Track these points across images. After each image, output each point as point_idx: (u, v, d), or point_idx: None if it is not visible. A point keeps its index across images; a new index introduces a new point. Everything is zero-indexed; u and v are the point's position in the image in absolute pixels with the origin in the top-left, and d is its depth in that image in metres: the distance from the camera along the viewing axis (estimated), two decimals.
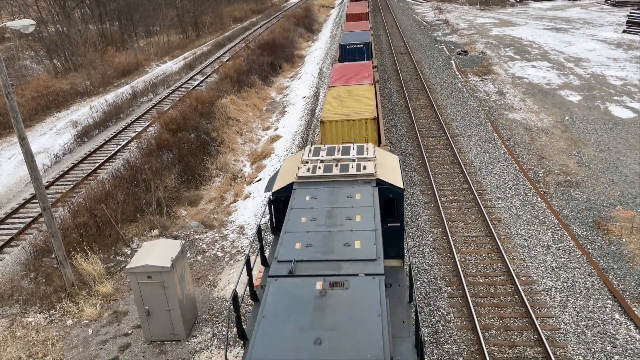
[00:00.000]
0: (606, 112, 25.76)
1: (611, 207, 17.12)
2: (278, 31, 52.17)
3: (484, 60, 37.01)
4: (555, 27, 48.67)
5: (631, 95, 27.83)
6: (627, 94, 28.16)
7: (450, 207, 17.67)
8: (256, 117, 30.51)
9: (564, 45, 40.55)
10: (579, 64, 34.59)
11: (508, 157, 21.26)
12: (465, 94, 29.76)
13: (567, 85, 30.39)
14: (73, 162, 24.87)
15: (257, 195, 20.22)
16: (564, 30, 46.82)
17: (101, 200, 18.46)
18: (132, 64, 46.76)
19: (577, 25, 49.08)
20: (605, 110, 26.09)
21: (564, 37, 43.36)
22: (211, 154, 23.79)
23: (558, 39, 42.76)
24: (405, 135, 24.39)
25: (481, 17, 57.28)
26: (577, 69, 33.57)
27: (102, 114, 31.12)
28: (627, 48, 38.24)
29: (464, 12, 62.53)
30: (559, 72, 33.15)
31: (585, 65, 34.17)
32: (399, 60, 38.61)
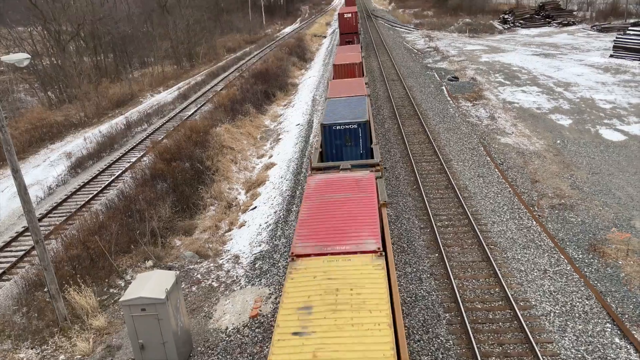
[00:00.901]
0: (597, 135, 26.05)
1: (606, 229, 17.15)
2: (271, 60, 52.85)
3: (474, 86, 37.53)
4: (544, 52, 49.60)
5: (621, 118, 28.21)
6: (617, 117, 28.55)
7: (446, 232, 17.64)
8: (250, 145, 30.63)
9: (552, 70, 41.25)
10: (568, 89, 35.13)
11: (502, 181, 21.36)
12: (458, 119, 30.06)
13: (557, 109, 30.79)
14: (66, 193, 24.74)
15: (252, 224, 20.14)
16: (552, 55, 47.71)
17: (95, 231, 18.31)
18: (127, 94, 47.06)
19: (564, 50, 50.04)
20: (596, 133, 26.40)
21: (553, 63, 44.15)
22: (206, 182, 23.77)
23: (547, 65, 43.52)
24: (399, 161, 24.50)
25: (470, 44, 58.32)
26: (567, 93, 34.08)
27: (96, 145, 31.14)
28: (615, 72, 38.94)
29: (453, 39, 63.69)
30: (548, 96, 33.62)
31: (574, 90, 34.70)
32: (390, 86, 39.08)
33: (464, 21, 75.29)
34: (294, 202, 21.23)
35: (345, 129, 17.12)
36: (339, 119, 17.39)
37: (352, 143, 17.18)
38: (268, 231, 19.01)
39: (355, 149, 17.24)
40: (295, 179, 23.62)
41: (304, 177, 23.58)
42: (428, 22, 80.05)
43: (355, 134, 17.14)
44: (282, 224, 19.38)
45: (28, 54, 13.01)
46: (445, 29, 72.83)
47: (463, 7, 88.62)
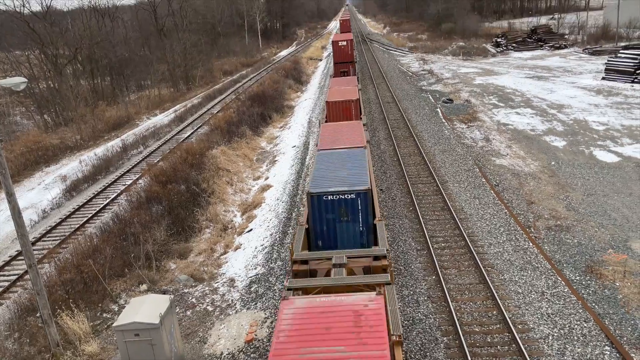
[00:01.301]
0: (591, 157, 26.21)
1: (602, 251, 17.12)
2: (268, 83, 53.28)
3: (469, 108, 37.86)
4: (537, 75, 50.22)
5: (614, 140, 28.44)
6: (610, 138, 28.78)
7: (443, 254, 17.57)
8: (247, 167, 30.64)
9: (546, 92, 41.71)
10: (561, 110, 35.47)
11: (498, 202, 21.38)
12: (453, 141, 30.23)
13: (551, 131, 31.04)
14: (61, 217, 24.58)
15: (247, 246, 20.02)
16: (545, 78, 48.30)
17: (89, 255, 18.14)
18: (123, 117, 47.20)
19: (557, 73, 50.70)
20: (590, 154, 26.57)
21: (546, 85, 44.66)
22: (201, 205, 23.68)
23: (540, 87, 44.02)
24: (395, 182, 24.53)
25: (464, 67, 59.03)
26: (560, 115, 34.40)
27: (92, 168, 31.07)
28: (607, 94, 39.41)
29: (447, 62, 64.48)
30: (542, 118, 33.92)
31: (567, 112, 35.04)
32: (386, 109, 39.37)
33: (457, 44, 76.34)
34: (289, 224, 21.15)
35: (340, 200, 12.99)
36: (331, 185, 13.24)
37: (348, 218, 13.17)
38: (264, 254, 18.89)
39: (352, 225, 13.27)
40: (291, 201, 23.58)
41: (300, 199, 23.56)
42: (422, 46, 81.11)
43: (352, 206, 13.11)
44: (278, 247, 19.27)
45: (25, 78, 13.07)
46: (439, 52, 73.77)
47: (456, 30, 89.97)
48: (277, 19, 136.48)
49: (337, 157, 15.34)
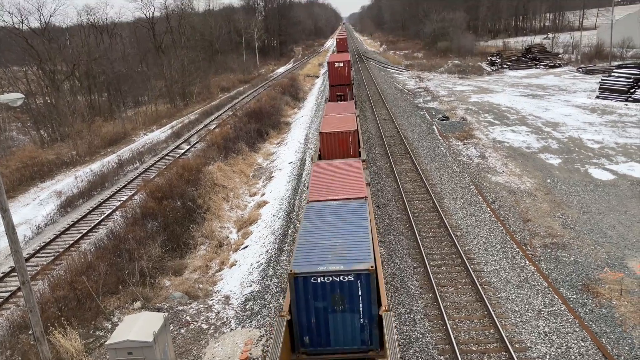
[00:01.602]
0: (586, 175, 26.32)
1: (599, 269, 17.09)
2: (265, 99, 53.53)
3: (464, 126, 38.07)
4: (531, 93, 50.65)
5: (609, 158, 28.59)
6: (605, 156, 28.94)
7: (440, 272, 17.49)
8: (243, 183, 30.61)
9: (540, 110, 42.03)
10: (556, 128, 35.71)
11: (494, 219, 21.38)
12: (449, 158, 30.33)
13: (546, 148, 31.20)
14: (55, 233, 24.42)
15: (243, 263, 19.89)
16: (540, 96, 48.71)
17: (82, 272, 17.98)
18: (120, 133, 47.24)
19: (552, 91, 51.15)
20: (585, 172, 26.68)
21: (540, 103, 45.03)
22: (197, 221, 23.59)
23: (535, 105, 44.37)
24: (391, 199, 24.53)
25: (460, 85, 59.51)
26: (555, 133, 34.61)
27: (87, 184, 30.99)
28: (602, 113, 39.73)
29: (443, 80, 65.02)
30: (537, 136, 34.12)
31: (562, 130, 35.28)
32: (382, 125, 39.54)
33: (453, 63, 77.10)
34: (285, 241, 21.06)
35: (334, 283, 9.91)
36: (322, 261, 10.19)
37: (344, 307, 10.07)
38: (259, 271, 18.76)
39: (350, 317, 10.16)
40: (287, 217, 23.51)
41: (297, 216, 23.51)
42: (418, 64, 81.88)
43: (350, 292, 9.98)
44: (274, 264, 19.16)
45: (22, 94, 13.07)
46: (435, 70, 74.45)
47: (452, 49, 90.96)
48: (274, 37, 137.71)
49: (330, 214, 12.64)
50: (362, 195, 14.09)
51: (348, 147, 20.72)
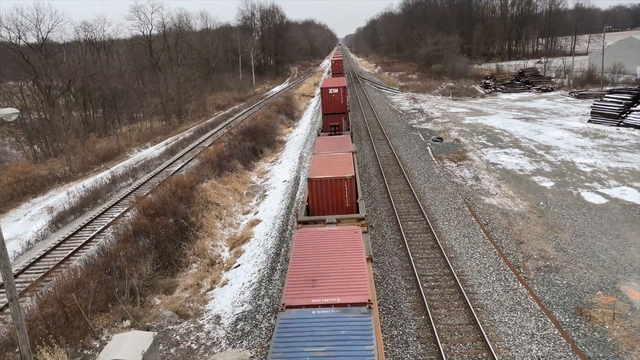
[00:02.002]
0: (579, 198, 26.45)
1: (591, 292, 17.07)
2: (260, 118, 53.73)
3: (458, 147, 38.30)
4: (524, 116, 51.16)
5: (601, 182, 28.78)
6: (597, 180, 29.14)
7: (433, 294, 17.40)
8: (236, 201, 30.51)
9: (533, 133, 42.41)
10: (549, 152, 35.99)
11: (487, 241, 21.37)
12: (442, 179, 30.43)
13: (539, 171, 31.39)
14: (45, 249, 24.16)
15: (235, 282, 19.71)
16: (533, 119, 49.20)
17: (72, 289, 17.73)
18: (114, 149, 47.15)
19: (544, 115, 51.70)
20: (577, 195, 26.82)
21: (533, 126, 45.45)
22: (189, 239, 23.43)
23: (527, 128, 44.77)
24: (385, 219, 24.50)
25: (454, 107, 60.05)
26: (548, 156, 34.88)
27: (79, 199, 30.78)
28: (594, 137, 40.13)
29: (437, 101, 65.60)
30: (530, 159, 34.36)
31: (555, 153, 35.55)
32: (377, 146, 39.72)
33: (447, 85, 77.92)
34: (278, 260, 20.93)
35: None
36: None
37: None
38: (251, 290, 18.59)
39: None
40: (280, 236, 23.40)
41: (290, 235, 23.40)
42: (413, 85, 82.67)
43: None
44: (266, 283, 19.00)
45: (17, 109, 13.04)
46: (429, 91, 75.15)
47: (446, 71, 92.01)
48: (271, 56, 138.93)
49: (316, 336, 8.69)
50: (364, 299, 9.52)
51: (343, 197, 16.87)
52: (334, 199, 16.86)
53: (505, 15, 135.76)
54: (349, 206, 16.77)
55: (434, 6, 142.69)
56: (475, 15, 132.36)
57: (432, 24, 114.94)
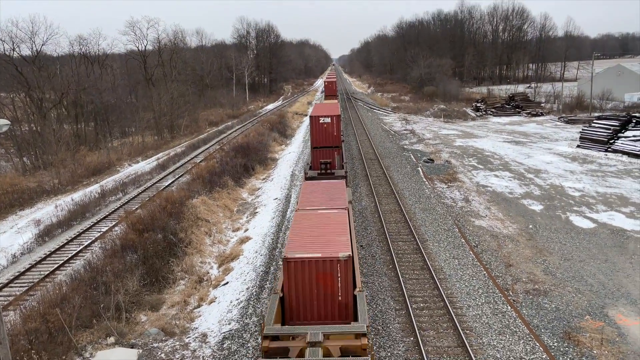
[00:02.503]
0: (567, 222, 26.62)
1: (579, 317, 17.08)
2: (252, 135, 53.81)
3: (449, 169, 38.54)
4: (514, 140, 51.70)
5: (590, 206, 29.03)
6: (586, 204, 29.38)
7: (422, 315, 17.32)
8: (226, 218, 30.36)
9: (523, 157, 42.82)
10: (538, 175, 36.31)
11: (477, 263, 21.38)
12: (433, 200, 30.53)
13: (528, 194, 31.62)
14: (31, 262, 23.82)
15: (222, 300, 19.51)
16: (523, 143, 49.73)
17: (56, 304, 17.45)
18: (104, 163, 46.90)
19: (534, 139, 52.28)
20: (566, 219, 27.00)
21: (523, 150, 45.92)
22: (177, 255, 23.22)
23: (517, 151, 45.22)
24: (375, 239, 24.46)
25: (445, 129, 60.58)
26: (537, 179, 35.18)
27: (67, 213, 30.47)
28: (582, 162, 40.59)
29: (428, 123, 66.16)
30: (520, 182, 34.63)
31: (544, 177, 35.87)
32: (368, 165, 39.85)
33: (439, 107, 78.75)
34: (267, 279, 20.77)
35: None
36: None
37: None
38: (239, 308, 18.40)
39: None
40: (270, 254, 23.27)
41: (279, 253, 23.27)
42: (405, 106, 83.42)
43: None
44: (254, 301, 18.82)
45: (8, 120, 12.98)
46: (421, 113, 75.82)
47: (438, 94, 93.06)
48: (265, 74, 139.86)
49: None
50: None
51: (334, 287, 12.06)
52: (320, 290, 12.06)
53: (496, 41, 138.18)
54: (342, 300, 12.05)
55: (427, 30, 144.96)
56: (467, 40, 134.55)
57: (424, 47, 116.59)
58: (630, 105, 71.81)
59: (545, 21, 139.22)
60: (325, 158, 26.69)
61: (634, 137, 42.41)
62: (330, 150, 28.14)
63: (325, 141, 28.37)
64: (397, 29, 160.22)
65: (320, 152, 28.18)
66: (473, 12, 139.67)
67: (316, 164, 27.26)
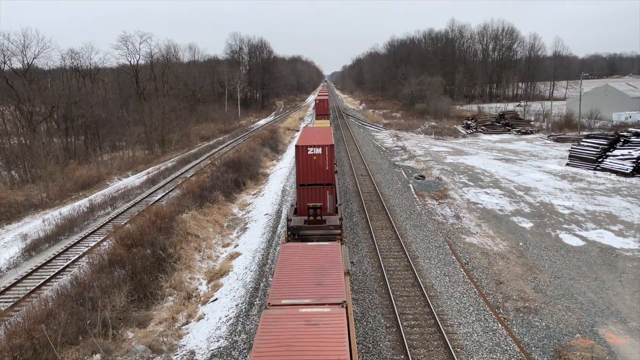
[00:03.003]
0: (557, 240, 26.72)
1: (570, 335, 17.04)
2: (244, 150, 53.76)
3: (440, 185, 38.66)
4: (504, 157, 52.09)
5: (579, 224, 29.18)
6: (575, 222, 29.54)
7: (412, 333, 17.20)
8: (216, 233, 30.14)
9: (513, 174, 43.10)
10: (528, 193, 36.53)
11: (467, 281, 21.34)
12: (424, 216, 30.55)
13: (519, 212, 31.75)
14: (17, 277, 23.44)
15: (211, 317, 19.26)
16: (513, 161, 50.11)
17: (42, 320, 17.12)
18: (94, 177, 46.54)
19: (524, 157, 52.72)
20: (556, 237, 27.10)
21: (513, 167, 46.25)
22: (166, 271, 22.95)
23: (507, 169, 45.53)
24: (366, 256, 24.37)
25: (436, 146, 60.95)
26: (527, 197, 35.37)
27: (55, 227, 30.12)
28: (572, 180, 40.92)
29: (420, 140, 66.55)
30: (510, 199, 34.80)
31: (534, 194, 36.09)
32: (360, 181, 39.88)
33: (430, 124, 79.35)
34: (257, 295, 20.56)
35: None
36: None
37: None
38: (228, 325, 18.16)
39: None
40: (260, 271, 23.07)
41: (269, 269, 23.09)
42: (396, 123, 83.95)
43: None
44: (244, 318, 18.59)
45: None
46: (412, 130, 76.31)
47: (429, 111, 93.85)
48: (257, 89, 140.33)
49: None
50: None
51: None
52: None
53: (486, 59, 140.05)
54: None
55: (418, 48, 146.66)
56: (457, 58, 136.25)
57: (415, 64, 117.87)
58: (618, 124, 72.79)
59: (534, 41, 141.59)
60: (315, 200, 21.98)
61: (622, 156, 42.90)
62: (321, 189, 22.42)
63: (315, 177, 22.47)
64: (389, 47, 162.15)
65: (308, 191, 22.45)
66: (463, 31, 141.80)
67: (303, 207, 22.03)
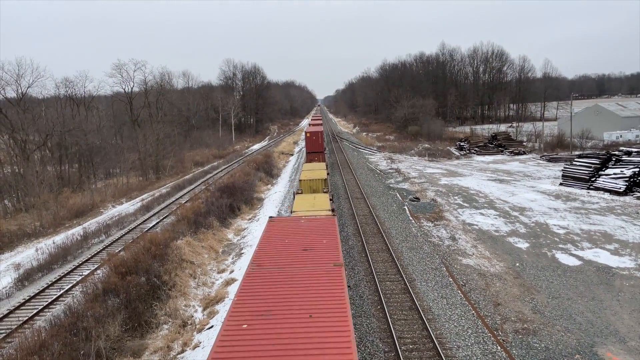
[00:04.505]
0: (553, 260, 26.69)
1: (569, 356, 16.89)
2: (238, 175, 53.77)
3: (435, 207, 38.71)
4: (498, 178, 52.34)
5: (575, 244, 29.20)
6: (571, 242, 29.56)
7: (411, 357, 16.99)
8: (212, 259, 29.90)
9: (507, 195, 43.25)
10: (523, 213, 36.60)
11: (465, 303, 21.20)
12: (420, 238, 30.49)
13: (514, 232, 31.77)
14: (9, 308, 23.07)
15: (207, 345, 18.95)
16: (507, 181, 50.35)
17: (34, 351, 16.81)
18: (87, 205, 46.32)
19: (517, 177, 53.00)
20: (552, 257, 27.07)
21: (507, 188, 46.44)
22: (161, 298, 22.68)
23: (502, 190, 45.71)
24: (363, 279, 24.21)
25: (430, 168, 61.22)
26: (522, 217, 35.44)
27: (48, 256, 29.80)
28: (566, 199, 41.10)
29: (414, 162, 66.87)
30: (505, 220, 34.84)
31: (529, 214, 36.17)
32: (355, 204, 39.87)
33: (423, 146, 79.86)
34: None
35: None
36: None
37: None
38: None
39: None
40: None
41: None
42: (390, 146, 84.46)
43: None
44: None
45: None
46: (406, 152, 76.73)
47: (422, 133, 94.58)
48: (251, 115, 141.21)
49: None
50: None
51: None
52: None
53: (477, 82, 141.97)
54: None
55: (410, 71, 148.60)
56: (449, 81, 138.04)
57: (408, 87, 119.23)
58: (609, 143, 73.60)
59: (524, 63, 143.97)
60: None
61: (614, 175, 43.22)
62: None
63: None
64: (381, 71, 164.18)
65: None
66: (454, 54, 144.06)
67: None
